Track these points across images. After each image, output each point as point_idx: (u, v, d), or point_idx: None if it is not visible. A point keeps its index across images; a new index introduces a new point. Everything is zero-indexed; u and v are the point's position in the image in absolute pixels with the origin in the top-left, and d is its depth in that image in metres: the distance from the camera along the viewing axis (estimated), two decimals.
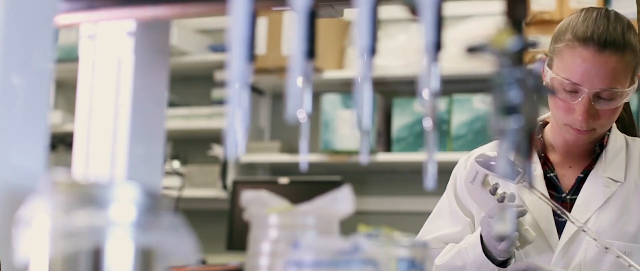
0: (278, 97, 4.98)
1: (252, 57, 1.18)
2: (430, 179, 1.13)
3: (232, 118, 0.96)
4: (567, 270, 2.07)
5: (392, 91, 4.46)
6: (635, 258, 2.04)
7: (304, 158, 1.24)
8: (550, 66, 2.07)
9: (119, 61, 1.31)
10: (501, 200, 2.03)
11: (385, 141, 4.52)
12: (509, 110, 0.98)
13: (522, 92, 0.98)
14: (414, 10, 1.01)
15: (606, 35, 2.00)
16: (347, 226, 1.28)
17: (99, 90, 1.33)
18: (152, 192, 0.96)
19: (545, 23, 4.19)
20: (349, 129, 4.49)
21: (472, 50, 0.97)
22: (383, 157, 4.44)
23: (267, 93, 4.95)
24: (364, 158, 1.17)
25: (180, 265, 0.98)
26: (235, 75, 0.93)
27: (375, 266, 1.13)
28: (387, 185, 4.73)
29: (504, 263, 2.05)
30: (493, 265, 2.04)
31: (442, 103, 4.39)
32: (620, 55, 2.00)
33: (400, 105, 4.49)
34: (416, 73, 1.09)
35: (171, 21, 1.33)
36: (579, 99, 2.01)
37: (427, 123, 1.13)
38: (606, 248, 2.01)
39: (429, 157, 1.13)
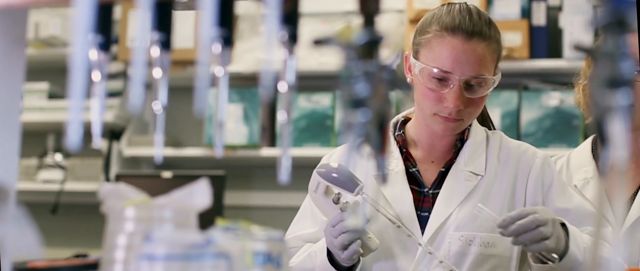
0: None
1: (106, 47, 1.17)
2: (284, 173, 1.13)
3: (75, 111, 0.94)
4: (432, 265, 2.09)
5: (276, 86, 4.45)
6: (498, 249, 2.09)
7: (159, 151, 1.22)
8: (417, 58, 2.11)
9: None
10: (344, 209, 2.04)
11: (270, 136, 4.51)
12: (356, 103, 0.99)
13: (370, 86, 0.98)
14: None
15: (472, 25, 2.07)
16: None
17: None
18: None
19: None
20: (234, 123, 4.47)
21: (318, 43, 0.97)
22: (267, 151, 4.43)
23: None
24: (218, 152, 1.17)
25: (25, 258, 0.96)
26: (78, 65, 0.91)
27: (228, 260, 1.13)
28: (272, 180, 4.72)
29: (351, 268, 2.05)
30: None
31: (327, 99, 4.40)
32: (487, 44, 2.07)
33: None
34: (300, 69, 1.09)
35: (28, 10, 1.30)
36: (451, 87, 2.05)
37: (282, 117, 1.12)
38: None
39: (283, 152, 1.13)
